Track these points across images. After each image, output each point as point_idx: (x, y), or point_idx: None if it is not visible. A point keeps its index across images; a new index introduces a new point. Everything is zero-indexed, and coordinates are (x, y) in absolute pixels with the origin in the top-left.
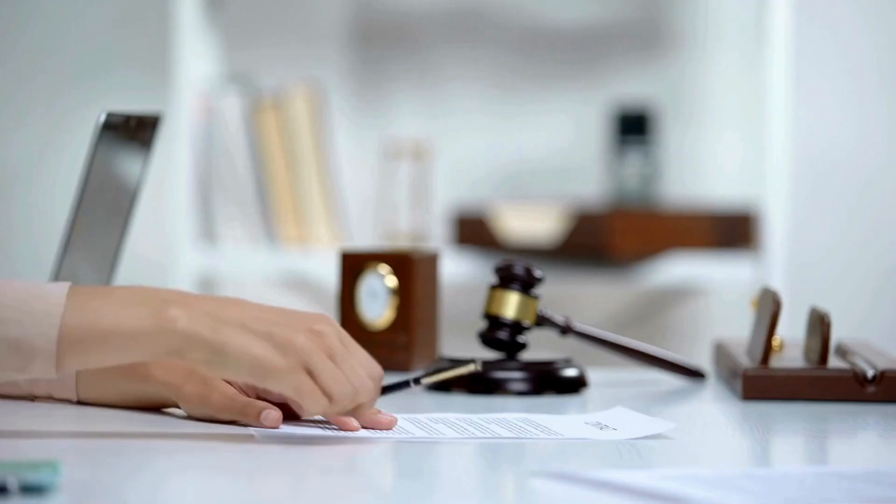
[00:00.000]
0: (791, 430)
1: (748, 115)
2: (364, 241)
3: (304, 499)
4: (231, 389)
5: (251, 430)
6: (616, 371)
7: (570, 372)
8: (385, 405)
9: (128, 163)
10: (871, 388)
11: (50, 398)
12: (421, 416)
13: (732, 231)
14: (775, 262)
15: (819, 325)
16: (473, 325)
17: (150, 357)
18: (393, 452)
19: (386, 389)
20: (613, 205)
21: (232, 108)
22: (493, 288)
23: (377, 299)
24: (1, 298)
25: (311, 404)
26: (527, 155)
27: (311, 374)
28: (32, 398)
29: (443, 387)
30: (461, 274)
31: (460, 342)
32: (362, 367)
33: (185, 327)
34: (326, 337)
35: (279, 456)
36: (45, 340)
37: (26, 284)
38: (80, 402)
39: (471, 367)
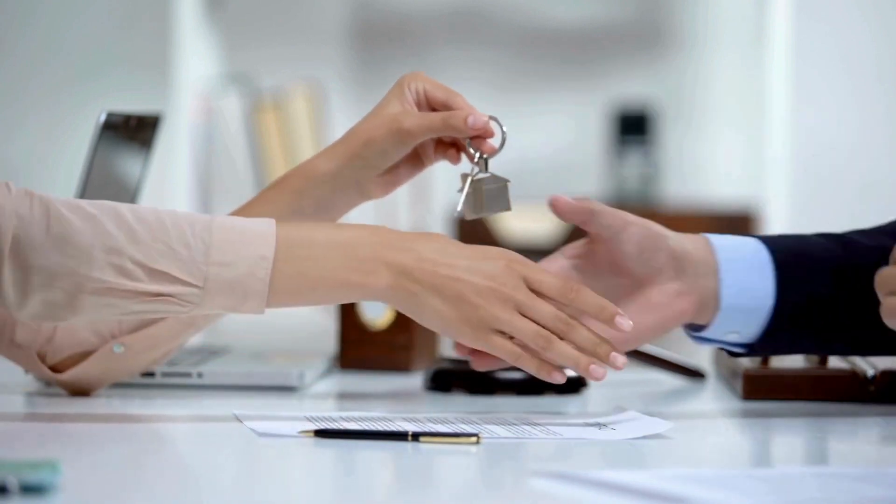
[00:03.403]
0: (791, 430)
1: (748, 116)
2: None
3: (304, 499)
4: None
5: (252, 426)
6: (616, 371)
7: (570, 372)
8: (386, 406)
9: (128, 163)
10: (871, 388)
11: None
12: (420, 417)
13: (732, 231)
14: None
15: None
16: None
17: (348, 301)
18: (393, 452)
19: (382, 436)
20: (613, 205)
21: (232, 108)
22: None
23: None
24: (212, 239)
25: (509, 358)
26: (527, 155)
27: (501, 333)
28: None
29: (443, 387)
30: None
31: None
32: (548, 307)
33: (385, 287)
34: (511, 291)
35: (278, 456)
36: (260, 284)
37: (231, 223)
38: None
39: (473, 439)
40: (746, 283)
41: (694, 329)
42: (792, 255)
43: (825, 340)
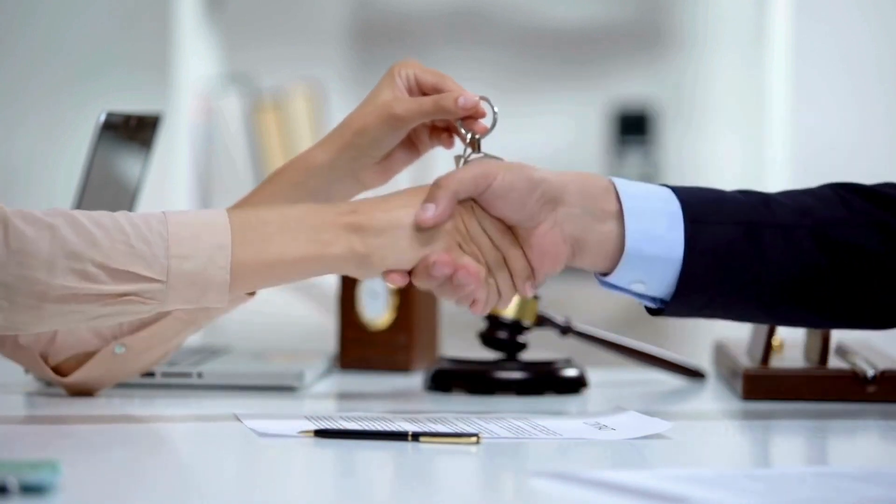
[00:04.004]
0: (791, 430)
1: (748, 115)
2: None
3: (304, 499)
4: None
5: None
6: (616, 371)
7: (570, 372)
8: (386, 408)
9: (128, 163)
10: (871, 388)
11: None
12: (420, 417)
13: None
14: None
15: None
16: (473, 325)
17: (310, 276)
18: (393, 452)
19: (382, 436)
20: None
21: (232, 108)
22: None
23: (377, 299)
24: (168, 233)
25: (470, 271)
26: (527, 155)
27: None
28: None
29: (443, 387)
30: None
31: (460, 342)
32: (490, 243)
33: (342, 253)
34: (462, 218)
35: (280, 456)
36: (221, 273)
37: (183, 217)
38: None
39: (473, 439)
40: (652, 230)
41: (601, 273)
42: (704, 208)
43: (739, 301)
